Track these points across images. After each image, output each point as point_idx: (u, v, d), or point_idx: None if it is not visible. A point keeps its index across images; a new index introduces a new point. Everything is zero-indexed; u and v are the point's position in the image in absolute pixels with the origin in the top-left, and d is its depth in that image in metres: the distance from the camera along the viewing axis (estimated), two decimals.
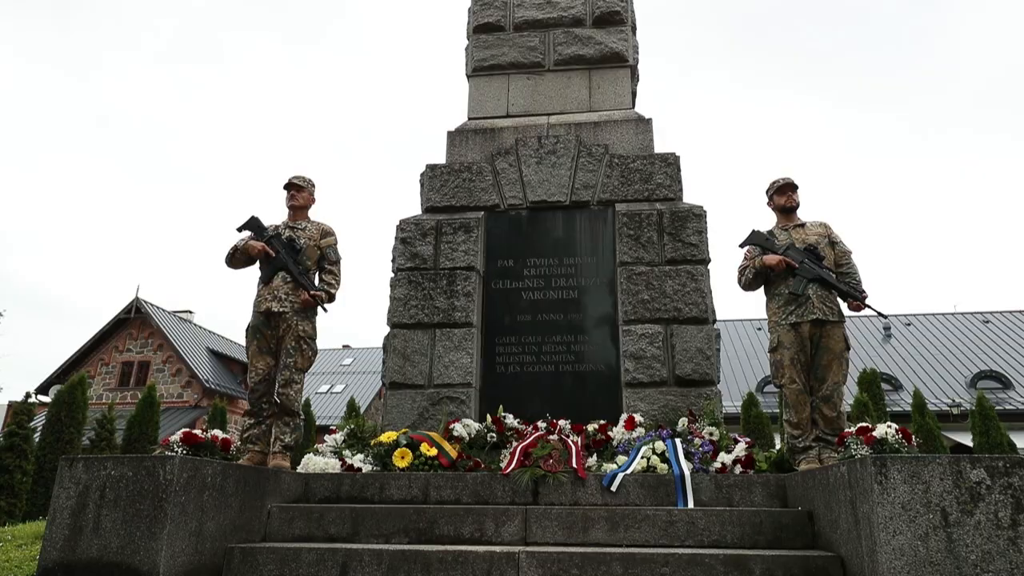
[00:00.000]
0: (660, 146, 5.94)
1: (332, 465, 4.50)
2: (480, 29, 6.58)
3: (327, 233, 4.75)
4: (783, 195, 4.55)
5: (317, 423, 17.58)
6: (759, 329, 24.83)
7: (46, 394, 21.13)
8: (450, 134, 6.24)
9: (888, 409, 15.08)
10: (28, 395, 13.11)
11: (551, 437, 4.39)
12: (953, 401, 19.20)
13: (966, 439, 15.17)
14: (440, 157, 6.23)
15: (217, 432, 3.64)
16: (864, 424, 3.28)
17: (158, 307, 26.04)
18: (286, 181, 4.78)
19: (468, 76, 6.58)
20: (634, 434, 4.52)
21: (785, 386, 4.19)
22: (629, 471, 4.05)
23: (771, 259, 4.30)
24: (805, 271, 4.22)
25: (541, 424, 4.73)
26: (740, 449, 4.31)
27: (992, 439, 13.39)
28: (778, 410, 13.95)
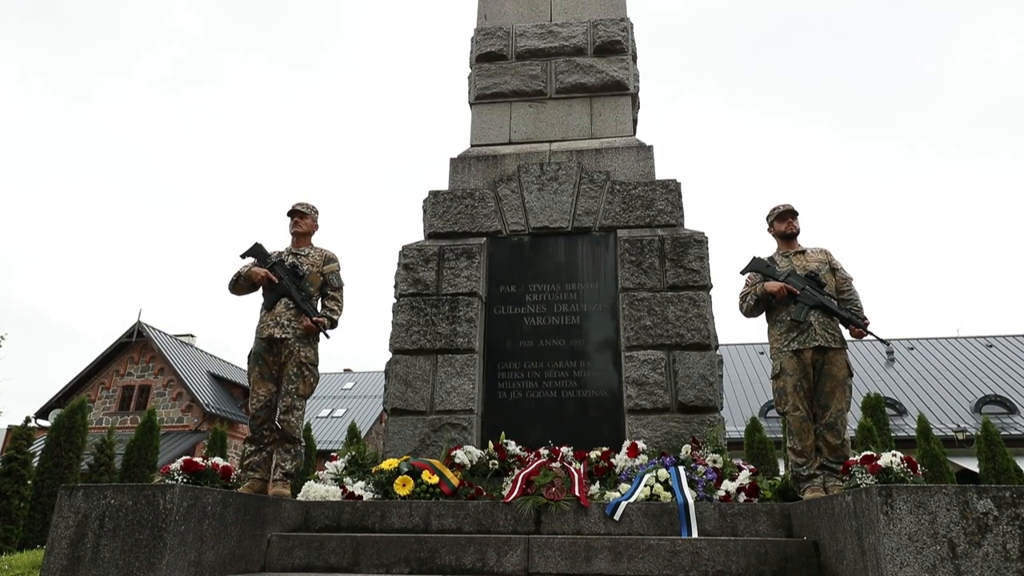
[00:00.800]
0: (660, 170, 6.02)
1: (333, 493, 4.47)
2: (483, 58, 6.68)
3: (330, 259, 4.77)
4: (783, 222, 4.58)
5: (318, 448, 17.47)
6: (761, 353, 24.75)
7: (46, 418, 21.03)
8: (453, 161, 6.29)
9: (893, 434, 14.96)
10: (28, 419, 13.05)
11: (553, 464, 4.36)
12: (958, 426, 19.06)
13: (972, 465, 15.03)
14: (441, 181, 6.28)
15: (218, 460, 3.62)
16: (869, 453, 3.26)
17: (160, 331, 26.04)
18: (289, 208, 4.82)
19: (471, 104, 6.66)
20: (637, 461, 4.49)
21: (788, 413, 4.17)
22: (632, 499, 4.01)
23: (772, 286, 4.31)
24: (806, 298, 4.22)
25: (543, 451, 4.70)
26: (744, 477, 4.27)
27: (999, 465, 13.25)
28: (782, 435, 13.79)
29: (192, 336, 28.59)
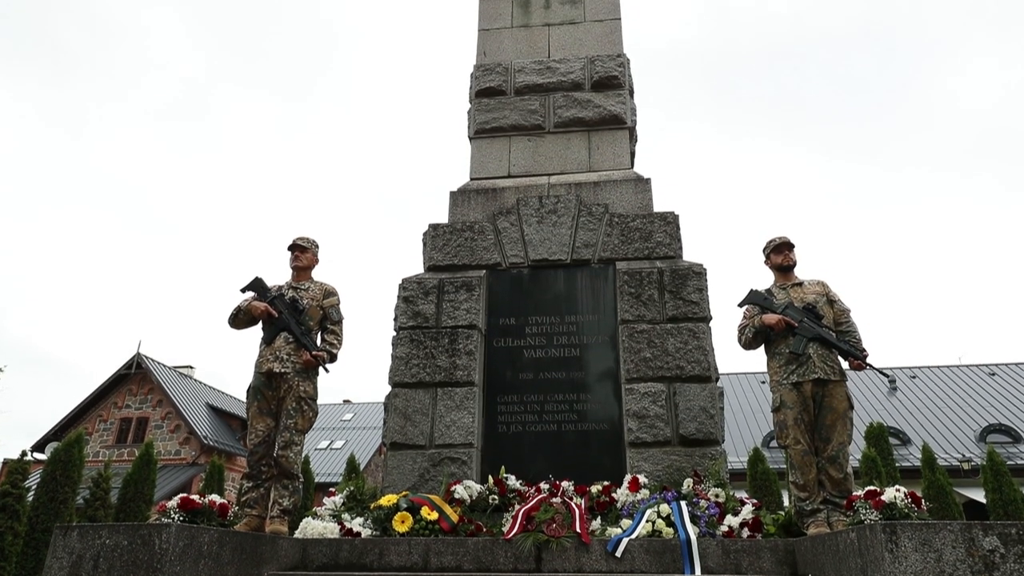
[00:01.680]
0: (658, 201, 6.06)
1: (331, 529, 4.41)
2: (482, 93, 6.78)
3: (330, 293, 4.79)
4: (780, 254, 4.60)
5: (316, 480, 17.27)
6: (763, 383, 24.62)
7: (43, 452, 20.84)
8: (452, 194, 6.35)
9: (897, 464, 14.80)
10: (24, 453, 12.92)
11: (554, 500, 4.31)
12: (963, 456, 18.88)
13: (979, 495, 14.84)
14: (439, 214, 6.33)
15: (215, 497, 3.58)
16: (872, 488, 3.23)
17: (159, 362, 25.96)
18: (290, 242, 4.85)
19: (470, 138, 6.74)
20: (638, 496, 4.44)
21: (790, 447, 4.14)
22: (634, 535, 3.96)
23: (770, 318, 4.32)
24: (804, 330, 4.23)
25: (544, 486, 4.65)
26: (747, 511, 4.22)
27: (1006, 496, 13.09)
28: (785, 466, 13.65)
29: (191, 367, 28.50)
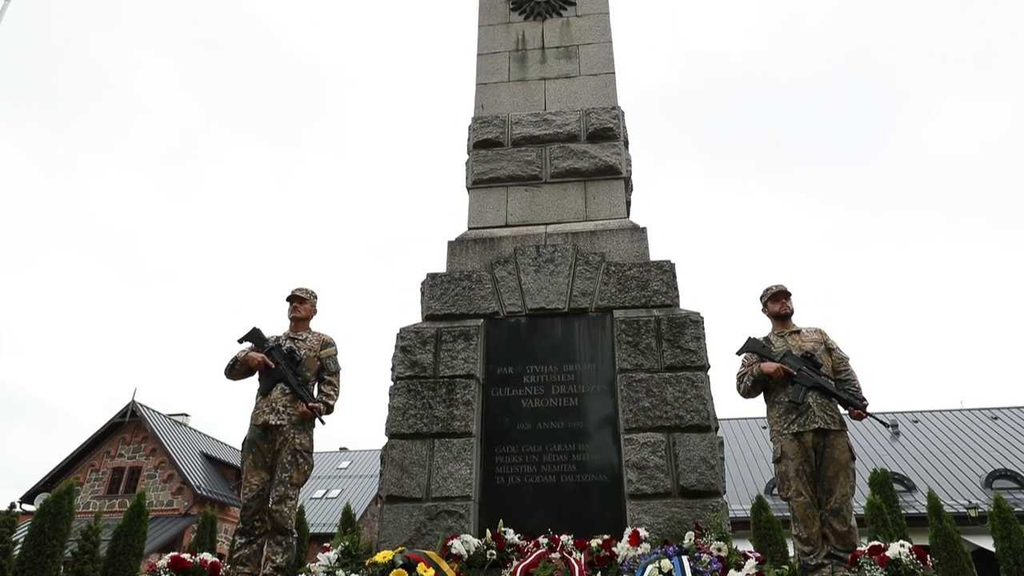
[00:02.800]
0: (654, 248, 6.10)
1: None
2: (480, 145, 6.91)
3: (327, 344, 4.79)
4: (777, 302, 4.63)
5: (311, 532, 16.91)
6: (764, 428, 24.39)
7: (32, 503, 20.45)
8: (450, 243, 6.41)
9: (903, 511, 14.55)
10: (12, 505, 12.68)
11: (553, 555, 4.22)
12: (970, 503, 18.58)
13: (987, 543, 14.56)
14: (435, 261, 6.38)
15: (206, 555, 3.52)
16: (877, 543, 3.18)
17: (154, 410, 25.70)
18: (289, 293, 4.88)
19: (468, 188, 6.84)
20: (639, 550, 4.35)
21: (792, 499, 4.09)
22: None
23: (768, 367, 4.31)
24: (803, 379, 4.22)
25: (543, 540, 4.56)
26: (751, 566, 4.13)
27: (1015, 544, 12.81)
28: (789, 514, 13.38)
29: (186, 415, 28.21)
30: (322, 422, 4.52)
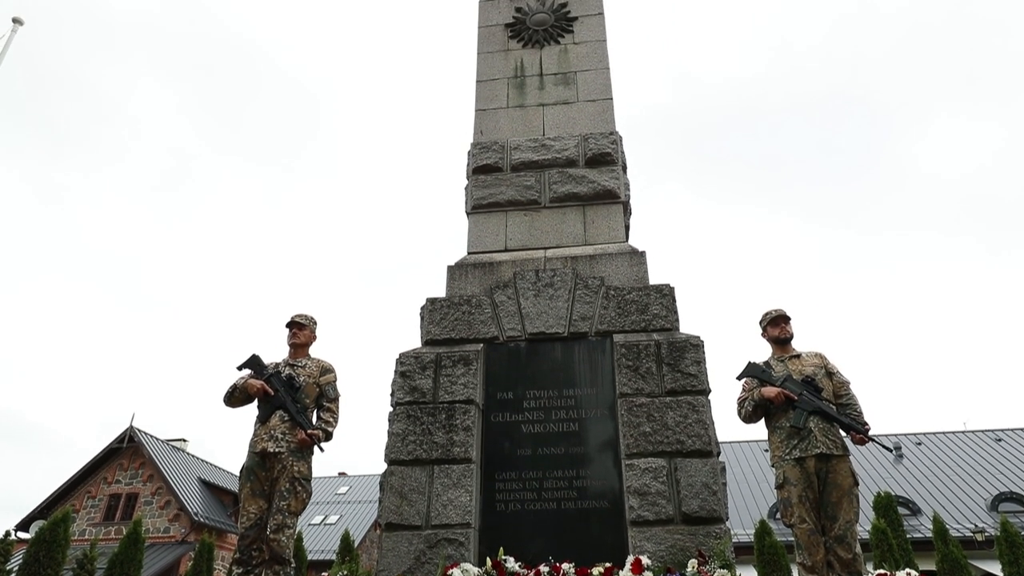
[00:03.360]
0: (653, 272, 6.11)
1: None
2: (479, 170, 6.96)
3: (327, 370, 4.77)
4: (776, 327, 4.63)
5: (309, 559, 16.68)
6: (766, 451, 24.16)
7: (27, 531, 20.22)
8: (450, 268, 6.42)
9: (908, 536, 14.38)
10: (8, 533, 12.54)
11: None
12: (976, 526, 18.37)
13: (995, 568, 14.36)
14: (433, 286, 6.39)
15: None
16: (883, 572, 3.14)
17: (152, 436, 25.52)
18: (288, 319, 4.87)
19: (468, 213, 6.88)
20: None
21: (795, 526, 4.05)
22: None
23: (769, 391, 4.30)
24: (804, 403, 4.20)
25: (544, 568, 4.50)
26: None
27: (1023, 568, 12.65)
28: (793, 539, 13.18)
29: (184, 440, 28.02)
30: (321, 449, 4.49)
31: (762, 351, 4.76)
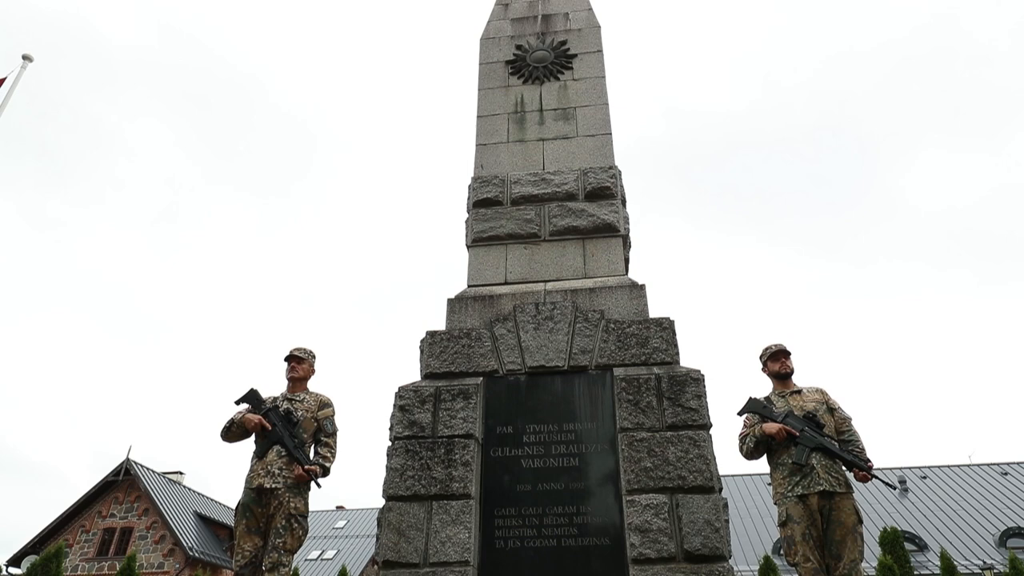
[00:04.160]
0: (653, 305, 6.11)
1: None
2: (479, 204, 7.01)
3: (325, 404, 4.75)
4: (777, 361, 4.62)
5: None
6: (769, 484, 23.92)
7: (19, 566, 19.88)
8: (450, 301, 6.43)
9: (915, 572, 14.15)
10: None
11: None
12: (984, 563, 18.06)
13: None
14: (432, 319, 6.39)
15: None
16: None
17: (148, 468, 25.26)
18: (287, 353, 4.87)
19: (468, 246, 6.91)
20: None
21: (799, 565, 3.98)
22: None
23: (771, 428, 4.27)
24: (806, 440, 4.17)
25: None
26: None
27: None
28: None
29: (181, 473, 27.71)
30: (318, 485, 4.45)
31: (759, 384, 4.75)
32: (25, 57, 9.24)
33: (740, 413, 4.57)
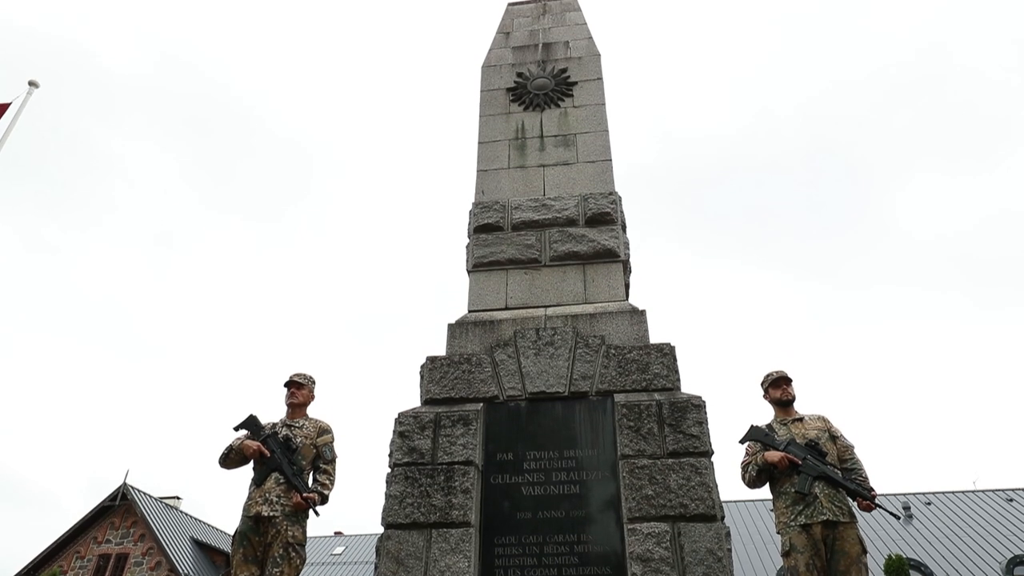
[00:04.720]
0: (654, 331, 6.10)
1: None
2: (480, 229, 7.05)
3: (324, 431, 4.72)
4: (778, 388, 4.60)
5: None
6: (772, 511, 23.65)
7: None
8: (450, 326, 6.43)
9: None
10: None
11: None
12: None
13: None
14: (432, 344, 6.38)
15: None
16: None
17: (145, 493, 25.01)
18: (287, 379, 4.85)
19: (468, 271, 6.93)
20: None
21: None
22: None
23: (773, 456, 4.24)
24: (809, 468, 4.14)
25: None
26: None
27: None
28: None
29: (178, 498, 27.44)
30: (316, 513, 4.40)
31: (759, 410, 4.72)
32: (31, 83, 9.36)
33: (742, 441, 4.54)
